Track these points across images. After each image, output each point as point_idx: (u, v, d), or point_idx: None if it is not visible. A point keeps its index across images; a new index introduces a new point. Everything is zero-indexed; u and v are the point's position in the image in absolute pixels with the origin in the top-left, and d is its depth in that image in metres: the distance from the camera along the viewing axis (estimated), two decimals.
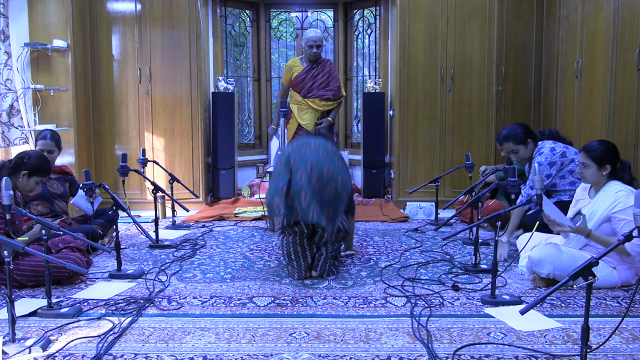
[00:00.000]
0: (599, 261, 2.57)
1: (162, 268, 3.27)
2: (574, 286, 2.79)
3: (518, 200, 3.35)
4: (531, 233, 3.05)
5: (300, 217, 2.88)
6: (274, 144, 4.95)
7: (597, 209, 2.86)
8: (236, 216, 4.84)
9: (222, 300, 2.71)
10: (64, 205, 3.78)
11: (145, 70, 5.10)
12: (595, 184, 2.96)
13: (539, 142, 3.67)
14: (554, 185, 3.58)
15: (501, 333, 2.29)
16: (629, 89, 3.74)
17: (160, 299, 2.72)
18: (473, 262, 3.21)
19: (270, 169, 4.41)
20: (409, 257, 3.53)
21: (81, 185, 3.34)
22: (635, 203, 1.93)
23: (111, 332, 2.30)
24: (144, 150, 4.42)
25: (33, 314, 2.49)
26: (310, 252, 3.07)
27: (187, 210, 4.14)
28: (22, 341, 2.14)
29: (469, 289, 2.85)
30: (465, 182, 4.91)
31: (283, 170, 2.93)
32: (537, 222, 2.96)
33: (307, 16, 6.73)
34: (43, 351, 2.12)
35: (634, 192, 2.78)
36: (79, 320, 2.44)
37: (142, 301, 2.68)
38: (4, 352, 2.06)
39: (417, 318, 2.44)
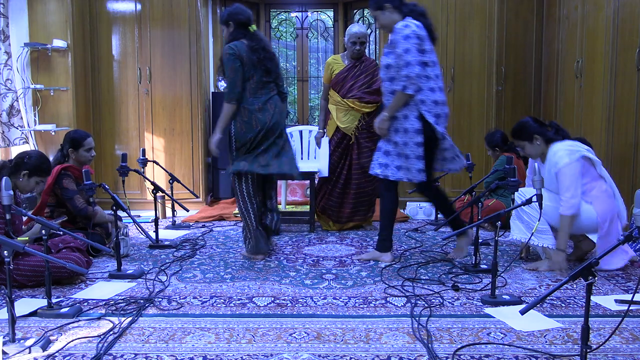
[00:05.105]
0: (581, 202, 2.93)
1: (162, 268, 3.27)
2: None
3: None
4: (531, 234, 3.06)
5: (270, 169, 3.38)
6: (324, 148, 4.35)
7: (548, 172, 3.12)
8: (236, 216, 4.84)
9: (222, 300, 2.71)
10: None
11: (145, 70, 5.10)
12: (541, 154, 3.19)
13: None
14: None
15: (501, 333, 2.29)
16: (629, 89, 3.74)
17: (160, 299, 2.72)
18: (473, 262, 3.21)
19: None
20: (409, 257, 3.53)
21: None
22: (635, 204, 1.93)
23: (111, 332, 2.30)
24: (144, 150, 4.42)
25: (33, 314, 2.49)
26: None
27: (187, 210, 4.14)
28: (22, 341, 2.14)
29: (469, 289, 2.85)
30: (465, 182, 4.91)
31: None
32: (537, 223, 2.97)
33: (307, 16, 6.73)
34: (43, 351, 2.12)
35: (569, 149, 3.03)
36: (79, 320, 2.43)
37: (142, 301, 2.67)
38: (4, 352, 2.06)
39: (417, 318, 2.43)
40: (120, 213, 3.38)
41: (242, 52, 3.34)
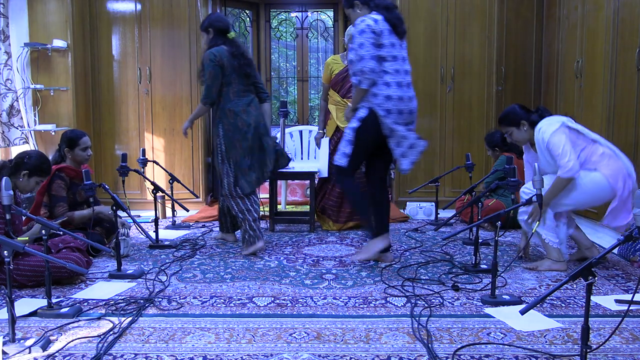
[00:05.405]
0: (580, 172, 3.00)
1: (162, 268, 3.27)
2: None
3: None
4: (531, 234, 3.06)
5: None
6: (323, 149, 4.37)
7: (540, 151, 3.15)
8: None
9: (222, 300, 2.71)
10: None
11: (145, 70, 5.10)
12: (529, 139, 3.23)
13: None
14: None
15: (501, 333, 2.29)
16: (629, 89, 3.74)
17: (160, 299, 2.72)
18: (473, 262, 3.21)
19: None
20: (409, 257, 3.53)
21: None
22: (635, 204, 1.93)
23: (111, 332, 2.30)
24: (144, 150, 4.42)
25: (33, 314, 2.49)
26: None
27: (187, 210, 4.14)
28: (22, 341, 2.14)
29: (469, 289, 2.85)
30: (465, 182, 4.91)
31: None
32: (537, 222, 2.97)
33: (307, 16, 6.73)
34: (43, 351, 2.12)
35: (549, 122, 3.08)
36: (79, 320, 2.43)
37: (142, 301, 2.67)
38: (4, 352, 2.06)
39: (417, 318, 2.43)
40: (120, 213, 3.38)
41: (224, 57, 3.54)
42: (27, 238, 2.91)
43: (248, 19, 6.56)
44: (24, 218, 3.07)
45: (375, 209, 3.35)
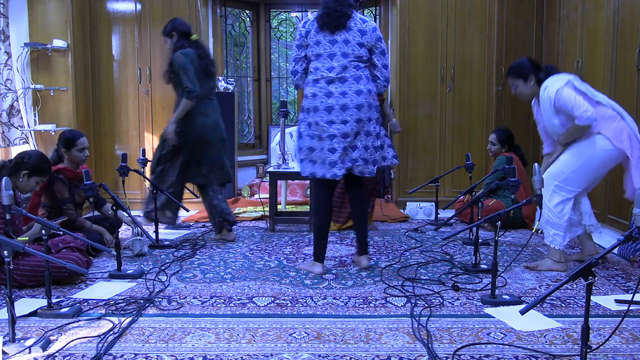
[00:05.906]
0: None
1: (162, 268, 3.27)
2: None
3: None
4: (532, 233, 3.06)
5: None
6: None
7: (544, 110, 3.12)
8: (236, 216, 4.84)
9: (222, 300, 2.71)
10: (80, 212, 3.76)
11: (145, 70, 5.10)
12: (534, 94, 3.20)
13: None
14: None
15: (501, 333, 2.29)
16: (629, 89, 3.74)
17: (160, 299, 2.72)
18: (473, 262, 3.21)
19: (271, 169, 4.41)
20: (409, 257, 3.53)
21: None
22: (635, 203, 1.93)
23: (111, 332, 2.30)
24: (144, 150, 4.41)
25: (33, 314, 2.49)
26: None
27: (187, 210, 4.13)
28: (22, 341, 2.14)
29: (469, 289, 2.85)
30: (465, 182, 4.91)
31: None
32: (537, 222, 2.97)
33: (307, 16, 6.73)
34: (43, 351, 2.12)
35: (554, 79, 3.05)
36: (79, 320, 2.43)
37: (142, 301, 2.68)
38: (4, 352, 2.06)
39: (417, 318, 2.43)
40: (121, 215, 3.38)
41: (193, 57, 3.73)
42: (27, 238, 2.91)
43: (248, 19, 6.56)
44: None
45: (353, 218, 3.39)
